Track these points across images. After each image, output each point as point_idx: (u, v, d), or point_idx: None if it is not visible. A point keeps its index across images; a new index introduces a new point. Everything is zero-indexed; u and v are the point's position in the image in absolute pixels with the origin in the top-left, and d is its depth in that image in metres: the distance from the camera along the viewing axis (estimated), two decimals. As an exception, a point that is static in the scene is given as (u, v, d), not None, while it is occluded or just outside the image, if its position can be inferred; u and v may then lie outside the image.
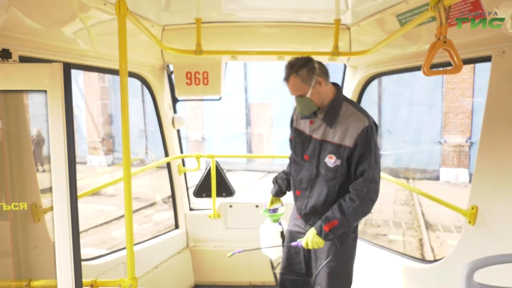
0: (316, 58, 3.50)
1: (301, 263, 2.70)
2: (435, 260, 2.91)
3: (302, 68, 2.33)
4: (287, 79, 2.38)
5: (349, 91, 3.78)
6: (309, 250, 2.62)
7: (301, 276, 2.72)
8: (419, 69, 2.87)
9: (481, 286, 1.62)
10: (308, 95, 2.36)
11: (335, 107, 2.41)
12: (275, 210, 2.85)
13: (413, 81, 13.85)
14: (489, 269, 1.61)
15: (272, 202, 2.93)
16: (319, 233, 2.35)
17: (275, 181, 2.94)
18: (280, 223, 2.87)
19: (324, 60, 3.45)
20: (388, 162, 14.52)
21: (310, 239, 2.38)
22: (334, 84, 2.51)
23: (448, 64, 2.03)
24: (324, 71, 2.41)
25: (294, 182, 2.64)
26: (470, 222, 2.42)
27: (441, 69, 2.39)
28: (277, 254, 2.89)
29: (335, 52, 3.15)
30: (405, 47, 2.94)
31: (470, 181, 12.69)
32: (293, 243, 2.57)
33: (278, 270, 2.83)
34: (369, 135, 2.30)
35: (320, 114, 2.45)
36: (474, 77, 13.01)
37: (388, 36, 2.59)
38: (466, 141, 13.30)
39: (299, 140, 2.58)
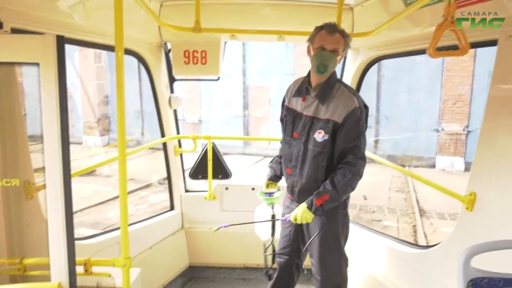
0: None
1: (293, 245, 2.82)
2: (430, 246, 2.91)
3: (349, 37, 2.49)
4: (334, 32, 2.45)
5: (349, 75, 3.72)
6: (302, 231, 2.73)
7: (293, 257, 2.84)
8: (422, 52, 2.82)
9: (478, 271, 1.62)
10: (338, 57, 2.48)
11: (329, 85, 2.52)
12: (271, 194, 2.91)
13: (413, 67, 13.73)
14: (486, 255, 1.60)
15: (267, 186, 2.99)
16: (310, 207, 2.45)
17: (271, 165, 3.00)
18: (273, 207, 2.91)
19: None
20: (385, 148, 14.52)
21: (300, 214, 2.47)
22: None
23: (452, 48, 2.00)
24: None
25: (285, 161, 2.74)
26: (467, 208, 2.41)
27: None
28: (267, 235, 2.93)
29: (337, 34, 3.07)
30: (409, 29, 2.87)
31: (465, 170, 12.79)
32: (282, 218, 2.67)
33: (268, 253, 2.90)
34: (358, 115, 2.43)
35: (313, 91, 2.55)
36: (474, 65, 12.89)
37: (391, 18, 2.52)
38: (464, 130, 13.28)
39: (290, 118, 2.68)
